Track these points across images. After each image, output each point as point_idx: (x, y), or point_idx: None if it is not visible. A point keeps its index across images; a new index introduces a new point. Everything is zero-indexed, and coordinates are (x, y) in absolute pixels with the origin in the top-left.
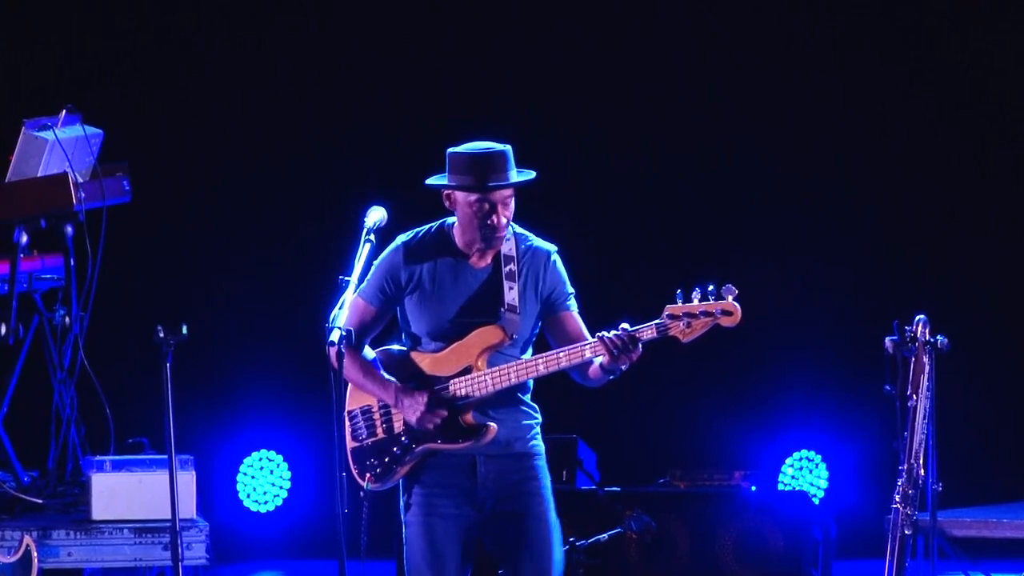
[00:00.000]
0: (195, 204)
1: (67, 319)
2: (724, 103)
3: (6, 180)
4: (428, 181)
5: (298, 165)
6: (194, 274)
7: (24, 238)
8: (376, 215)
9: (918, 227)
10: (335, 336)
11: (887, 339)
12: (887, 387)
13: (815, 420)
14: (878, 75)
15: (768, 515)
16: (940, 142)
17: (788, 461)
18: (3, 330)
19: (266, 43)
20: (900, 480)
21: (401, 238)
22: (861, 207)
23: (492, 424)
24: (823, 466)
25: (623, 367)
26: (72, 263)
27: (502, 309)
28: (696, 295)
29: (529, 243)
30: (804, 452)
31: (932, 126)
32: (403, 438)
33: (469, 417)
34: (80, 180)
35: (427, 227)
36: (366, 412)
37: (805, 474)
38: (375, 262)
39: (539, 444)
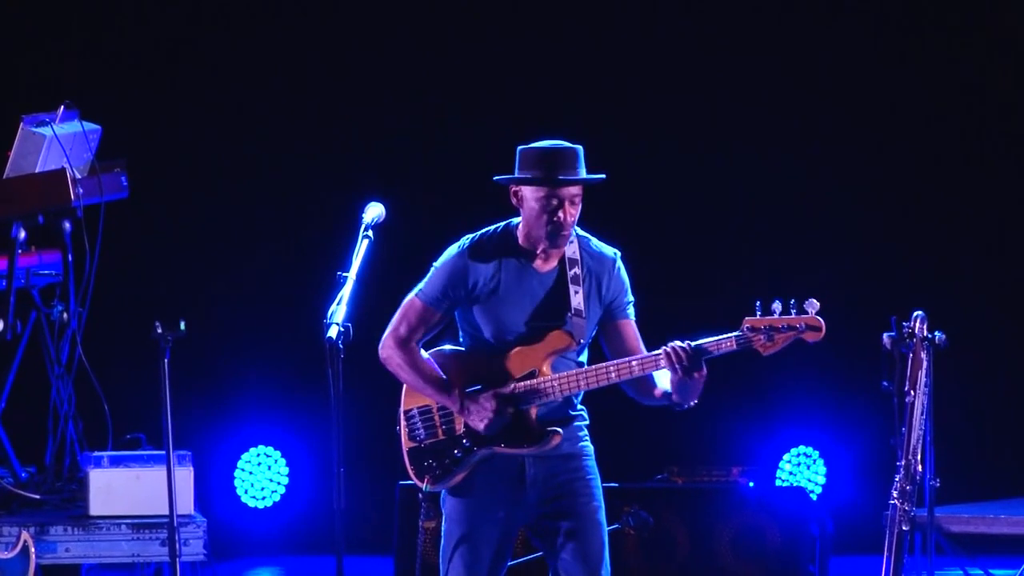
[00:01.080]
0: (193, 200)
1: (65, 315)
2: (719, 99)
3: (4, 176)
4: (496, 177)
5: (296, 161)
6: (192, 270)
7: (22, 234)
8: (374, 211)
9: (916, 223)
10: (333, 332)
11: (885, 335)
12: (885, 383)
13: (813, 416)
14: (875, 71)
15: (766, 511)
16: (937, 138)
17: (786, 457)
18: (1, 326)
19: (264, 39)
20: (898, 476)
21: (466, 240)
22: (859, 203)
23: (559, 430)
24: (821, 462)
25: (692, 401)
26: (70, 259)
27: (569, 314)
28: (777, 307)
29: (593, 247)
30: (802, 448)
31: (928, 123)
32: (464, 440)
33: (534, 422)
34: (78, 176)
35: (492, 228)
36: (425, 412)
37: (803, 470)
38: (436, 264)
39: (588, 445)
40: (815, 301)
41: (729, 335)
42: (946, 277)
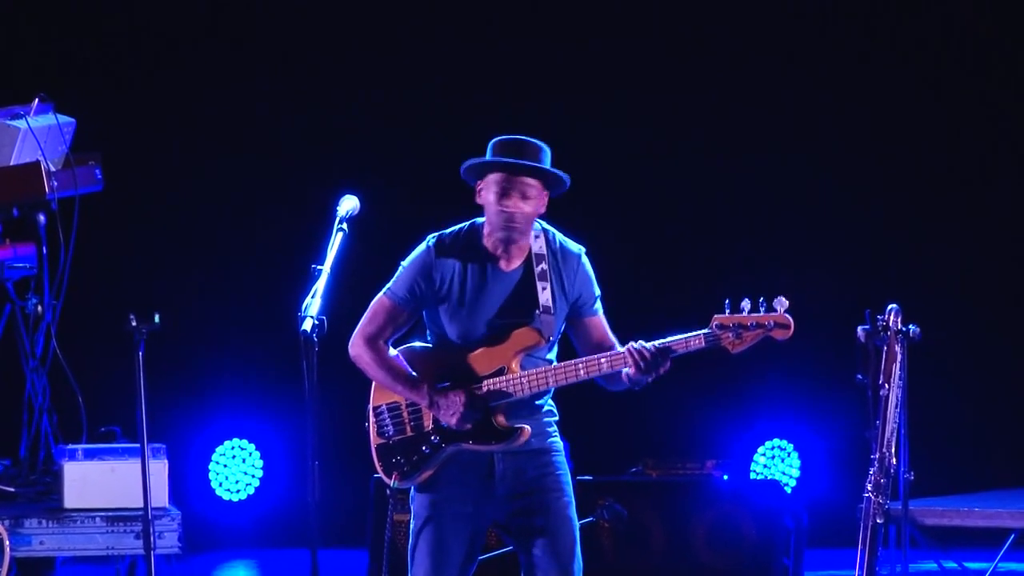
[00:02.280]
0: (167, 193)
1: (39, 308)
2: (699, 97)
3: None
4: (462, 166)
5: (271, 154)
6: (166, 263)
7: None
8: (349, 204)
9: (891, 217)
10: (307, 325)
11: (859, 328)
12: (859, 376)
13: (787, 409)
14: (855, 67)
15: (740, 504)
16: (911, 134)
17: (760, 450)
18: None
19: (239, 33)
20: (872, 469)
21: (432, 238)
22: (834, 196)
23: (526, 427)
24: (795, 455)
25: (648, 380)
26: (44, 252)
27: (537, 311)
28: (746, 305)
29: (559, 243)
30: (776, 441)
31: (903, 118)
32: (433, 437)
33: (502, 419)
34: (52, 169)
35: (458, 227)
36: (393, 409)
37: (777, 463)
38: (404, 262)
39: (557, 441)
40: (784, 299)
41: (698, 333)
42: (920, 270)
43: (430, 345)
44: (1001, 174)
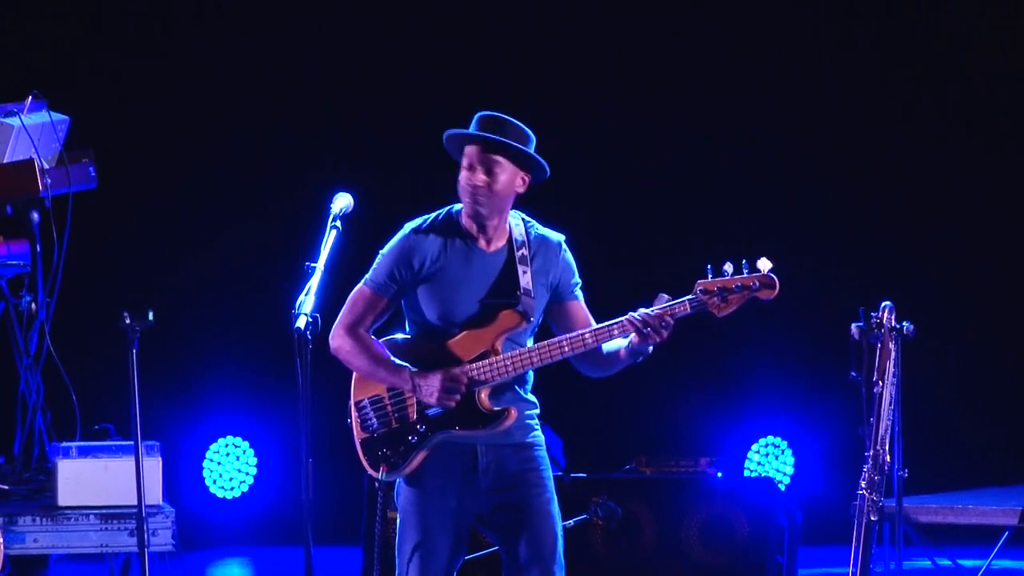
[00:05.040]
0: (161, 191)
1: (33, 305)
2: (700, 86)
3: None
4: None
5: (264, 151)
6: (160, 261)
7: None
8: (342, 201)
9: (884, 214)
10: (301, 322)
11: (853, 325)
12: (853, 373)
13: (781, 406)
14: (848, 62)
15: (734, 501)
16: (902, 131)
17: (754, 447)
18: None
19: (232, 29)
20: (866, 466)
21: (409, 225)
22: (828, 192)
23: (512, 408)
24: (789, 452)
25: (650, 348)
26: (38, 249)
27: (519, 293)
28: (728, 268)
29: (538, 231)
30: (770, 438)
31: (894, 116)
32: (419, 426)
33: (487, 402)
34: (46, 166)
35: (435, 213)
36: (376, 402)
37: (771, 460)
38: (382, 251)
39: (539, 435)
40: (767, 260)
41: (683, 299)
42: (914, 267)
43: (410, 336)
44: (996, 171)
